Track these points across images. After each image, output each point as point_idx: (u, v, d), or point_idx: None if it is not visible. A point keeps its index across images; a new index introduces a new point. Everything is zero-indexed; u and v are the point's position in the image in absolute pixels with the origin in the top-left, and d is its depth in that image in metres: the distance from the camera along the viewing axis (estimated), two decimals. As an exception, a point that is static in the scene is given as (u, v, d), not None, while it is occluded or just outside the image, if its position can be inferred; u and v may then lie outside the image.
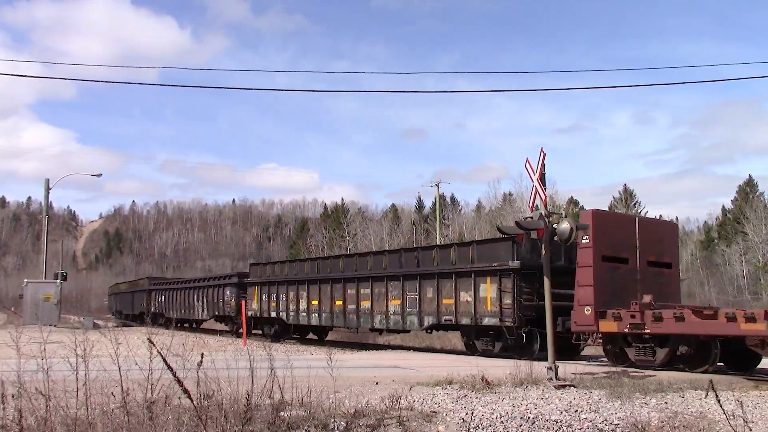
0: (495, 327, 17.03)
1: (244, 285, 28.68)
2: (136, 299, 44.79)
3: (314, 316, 23.90)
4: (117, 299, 54.81)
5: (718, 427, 7.34)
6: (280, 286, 26.03)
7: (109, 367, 6.24)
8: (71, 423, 5.59)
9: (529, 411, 8.27)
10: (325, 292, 23.26)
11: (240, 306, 26.56)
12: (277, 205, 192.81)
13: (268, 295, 26.55)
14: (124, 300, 49.90)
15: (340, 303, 22.46)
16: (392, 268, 20.58)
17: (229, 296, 29.69)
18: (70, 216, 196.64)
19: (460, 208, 78.48)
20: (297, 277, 25.25)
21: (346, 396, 8.52)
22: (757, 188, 65.87)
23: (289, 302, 25.23)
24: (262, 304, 26.88)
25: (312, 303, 23.89)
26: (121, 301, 51.80)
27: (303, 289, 24.54)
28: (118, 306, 53.63)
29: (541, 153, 11.84)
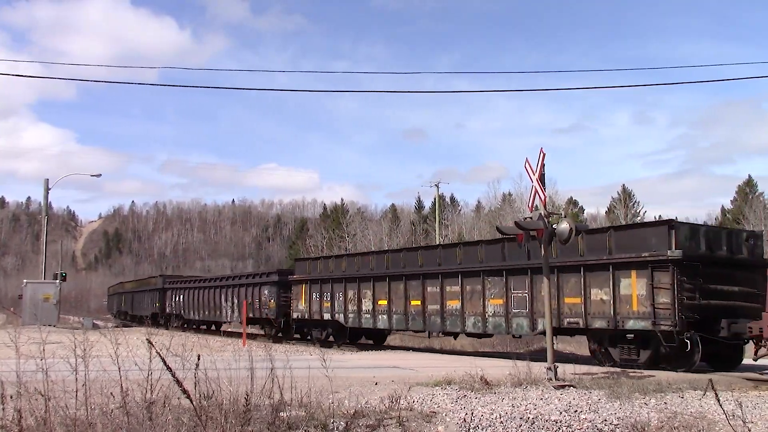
0: (642, 332, 14.13)
1: (286, 283, 25.52)
2: (146, 299, 41.34)
3: (382, 318, 20.80)
4: (121, 299, 51.41)
5: (717, 428, 7.34)
6: (336, 283, 22.80)
7: (108, 368, 6.24)
8: (71, 423, 5.58)
9: (528, 411, 8.27)
10: (397, 291, 20.20)
11: (280, 307, 25.09)
12: (276, 206, 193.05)
13: (320, 294, 23.44)
14: (131, 300, 46.44)
15: (417, 303, 19.47)
16: (492, 262, 17.57)
17: (268, 296, 26.26)
18: (69, 216, 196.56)
19: (459, 209, 78.50)
20: (359, 274, 21.98)
21: (346, 396, 8.52)
22: (757, 188, 65.88)
23: (348, 302, 22.15)
24: (312, 305, 23.75)
25: (379, 303, 20.86)
26: (126, 301, 48.41)
27: (367, 287, 21.47)
28: (122, 306, 50.15)
29: (541, 153, 11.85)
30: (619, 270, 14.47)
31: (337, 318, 22.74)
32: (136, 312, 44.34)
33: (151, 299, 40.05)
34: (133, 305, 45.63)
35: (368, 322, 21.51)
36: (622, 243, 14.66)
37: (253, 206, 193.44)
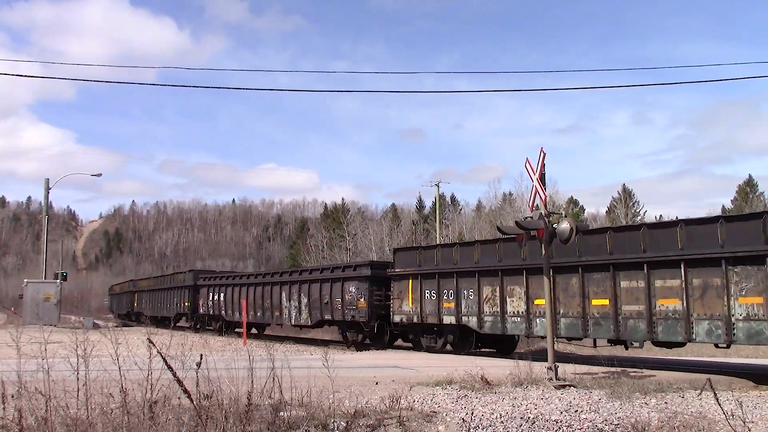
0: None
1: (382, 279, 21.21)
2: (171, 298, 36.58)
3: (538, 323, 16.07)
4: (132, 299, 46.59)
5: (717, 427, 7.34)
6: (463, 278, 18.18)
7: (109, 367, 6.24)
8: (71, 423, 5.59)
9: (529, 411, 8.27)
10: (568, 287, 15.50)
11: (373, 307, 21.01)
12: (277, 205, 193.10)
13: (437, 291, 18.95)
14: (150, 299, 41.55)
15: (602, 302, 14.78)
16: (735, 243, 12.58)
17: (356, 294, 21.62)
18: (70, 216, 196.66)
19: (460, 208, 78.45)
20: (503, 265, 17.17)
21: (346, 396, 8.52)
22: (757, 188, 65.88)
23: (484, 302, 17.64)
24: (425, 305, 19.37)
25: (536, 303, 16.31)
26: (143, 301, 43.54)
27: (517, 282, 16.81)
28: (135, 306, 45.39)
29: (541, 153, 11.86)
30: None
31: (464, 322, 18.08)
32: (155, 313, 39.69)
33: (178, 298, 35.38)
34: (152, 305, 40.88)
35: (517, 328, 16.77)
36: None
37: (253, 206, 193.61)
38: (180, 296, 34.89)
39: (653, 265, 13.85)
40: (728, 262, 12.62)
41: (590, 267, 15.00)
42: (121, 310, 50.97)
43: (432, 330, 19.54)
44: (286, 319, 25.72)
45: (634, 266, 14.23)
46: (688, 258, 13.20)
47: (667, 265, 13.61)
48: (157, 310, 39.30)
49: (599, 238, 15.04)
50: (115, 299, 56.68)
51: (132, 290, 47.32)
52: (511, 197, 57.20)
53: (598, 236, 15.18)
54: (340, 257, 63.23)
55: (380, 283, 21.31)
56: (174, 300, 35.96)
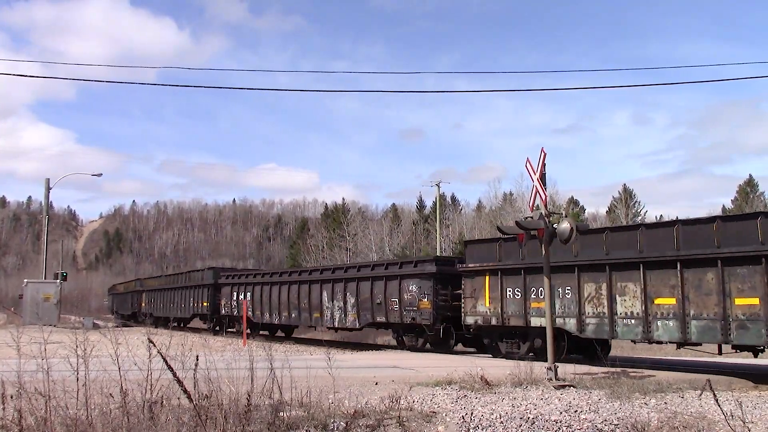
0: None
1: (446, 276, 18.84)
2: (186, 298, 34.09)
3: (660, 326, 13.66)
4: (138, 299, 44.04)
5: (717, 428, 7.34)
6: (557, 275, 14.84)
7: (109, 368, 6.24)
8: (71, 423, 5.59)
9: (528, 411, 8.27)
10: (701, 284, 13.01)
11: (439, 308, 18.79)
12: (277, 205, 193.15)
13: (522, 289, 16.33)
14: (160, 299, 39.24)
15: (749, 301, 12.24)
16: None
17: (418, 293, 19.20)
18: (70, 216, 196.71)
19: (460, 208, 78.43)
20: (610, 259, 14.65)
21: (346, 396, 8.52)
22: (758, 188, 65.87)
23: (586, 302, 15.03)
24: (506, 305, 16.65)
25: (656, 303, 13.76)
26: (151, 301, 41.28)
27: (629, 278, 14.25)
28: (142, 307, 42.75)
29: (542, 153, 11.86)
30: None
31: (561, 325, 15.33)
32: (166, 313, 37.12)
33: (194, 298, 32.88)
34: (163, 305, 38.52)
35: (631, 332, 14.22)
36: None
37: (253, 206, 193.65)
38: (197, 296, 32.45)
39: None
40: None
41: (732, 260, 12.50)
42: (125, 310, 48.92)
43: (513, 334, 17.02)
44: (328, 321, 23.15)
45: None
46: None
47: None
48: (169, 310, 36.95)
49: (747, 225, 12.68)
50: (118, 299, 55.09)
51: (139, 289, 44.74)
52: (511, 197, 57.24)
53: (747, 222, 12.83)
54: (340, 257, 63.26)
55: (445, 281, 18.94)
56: (189, 300, 33.58)
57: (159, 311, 38.87)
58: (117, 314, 53.81)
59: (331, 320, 22.94)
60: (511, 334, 17.11)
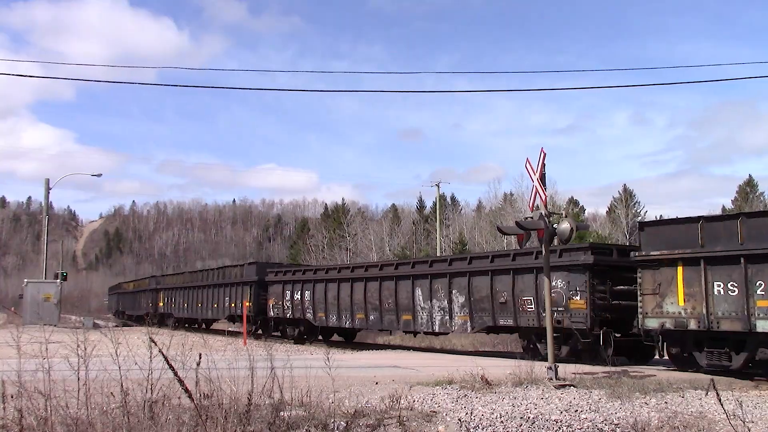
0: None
1: (604, 267, 15.35)
2: (218, 297, 30.67)
3: None
4: (154, 297, 40.02)
5: (718, 427, 7.34)
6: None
7: (109, 367, 6.24)
8: (71, 423, 5.59)
9: (529, 411, 8.27)
10: None
11: (594, 307, 15.07)
12: (277, 205, 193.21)
13: (742, 283, 12.49)
14: (182, 298, 35.86)
15: None
16: None
17: (565, 289, 15.60)
18: (70, 216, 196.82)
19: (460, 208, 78.49)
20: None
21: (346, 396, 8.52)
22: (758, 188, 65.90)
23: None
24: (713, 304, 12.86)
25: None
26: (171, 299, 37.81)
27: None
28: (159, 307, 39.17)
29: (542, 153, 11.85)
30: None
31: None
32: (193, 314, 34.34)
33: (230, 297, 29.64)
34: (188, 305, 34.97)
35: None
36: None
37: (253, 206, 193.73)
38: (234, 294, 29.00)
39: None
40: None
41: None
42: (136, 310, 45.49)
43: (722, 341, 13.16)
44: (423, 325, 19.58)
45: None
46: None
47: None
48: (197, 310, 33.58)
49: None
50: (125, 298, 52.33)
51: (155, 288, 40.97)
52: (511, 197, 57.22)
53: None
54: (341, 258, 63.29)
55: (602, 275, 15.45)
56: (224, 299, 29.97)
57: (182, 312, 35.83)
58: (124, 315, 51.76)
59: (430, 323, 19.26)
60: (718, 341, 13.26)
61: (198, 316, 33.76)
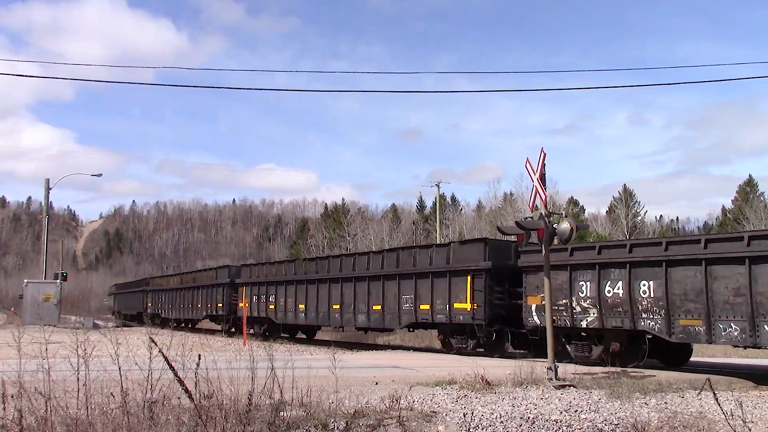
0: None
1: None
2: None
3: None
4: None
5: (717, 427, 7.34)
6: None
7: (109, 367, 6.24)
8: (71, 423, 5.59)
9: (529, 411, 8.27)
10: None
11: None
12: (277, 205, 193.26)
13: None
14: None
15: None
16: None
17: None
18: (70, 216, 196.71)
19: (460, 208, 78.41)
20: None
21: (346, 396, 8.53)
22: (758, 188, 65.85)
23: None
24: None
25: None
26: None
27: None
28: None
29: (542, 153, 11.84)
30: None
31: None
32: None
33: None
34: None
35: None
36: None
37: (253, 206, 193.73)
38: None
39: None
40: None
41: None
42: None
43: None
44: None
45: None
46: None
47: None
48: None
49: None
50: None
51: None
52: (511, 197, 57.18)
53: None
54: (341, 257, 63.13)
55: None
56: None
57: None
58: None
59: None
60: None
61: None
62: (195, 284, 33.81)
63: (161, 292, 39.54)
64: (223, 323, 30.12)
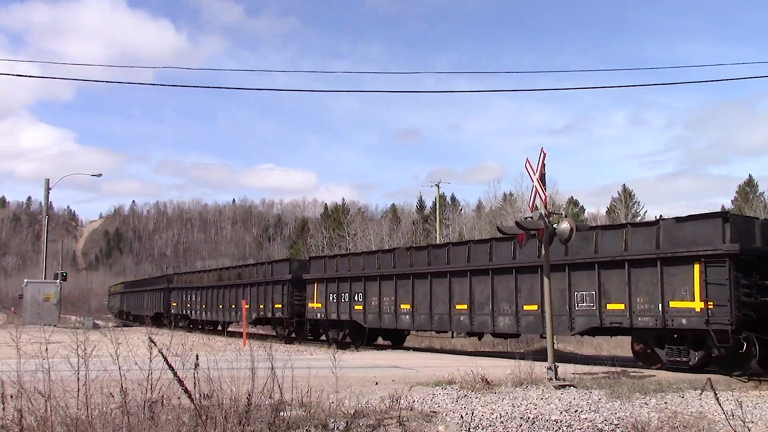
0: None
1: None
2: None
3: None
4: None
5: (717, 427, 7.33)
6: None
7: (109, 367, 6.24)
8: (71, 423, 5.59)
9: (529, 411, 8.27)
10: None
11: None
12: (276, 205, 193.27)
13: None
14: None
15: None
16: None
17: None
18: (70, 216, 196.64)
19: (460, 208, 78.42)
20: None
21: (346, 396, 8.52)
22: (757, 188, 65.87)
23: None
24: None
25: None
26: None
27: None
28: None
29: (541, 153, 11.84)
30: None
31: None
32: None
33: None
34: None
35: None
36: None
37: (253, 206, 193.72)
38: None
39: None
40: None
41: None
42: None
43: None
44: None
45: None
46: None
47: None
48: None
49: None
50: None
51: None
52: (511, 197, 57.20)
53: None
54: (340, 257, 63.09)
55: None
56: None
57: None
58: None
59: None
60: None
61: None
62: (240, 281, 28.66)
63: (191, 290, 34.42)
64: (284, 327, 25.38)
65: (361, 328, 21.83)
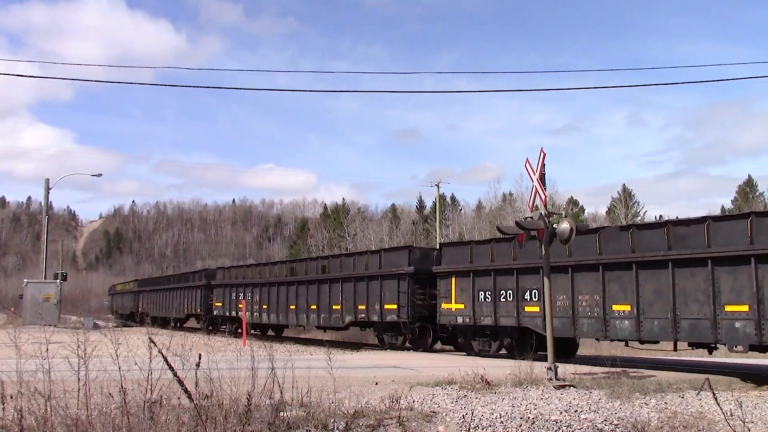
0: None
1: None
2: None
3: None
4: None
5: (717, 427, 7.34)
6: None
7: (109, 368, 6.24)
8: (71, 423, 5.59)
9: (528, 411, 8.27)
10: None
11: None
12: (276, 205, 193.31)
13: None
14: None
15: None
16: None
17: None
18: (70, 216, 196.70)
19: (460, 208, 78.42)
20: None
21: (346, 396, 8.52)
22: (757, 188, 65.91)
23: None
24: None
25: None
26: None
27: None
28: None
29: (541, 153, 11.84)
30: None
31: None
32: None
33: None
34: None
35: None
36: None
37: (253, 206, 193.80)
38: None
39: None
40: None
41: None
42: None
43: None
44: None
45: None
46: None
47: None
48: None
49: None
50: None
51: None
52: (511, 197, 57.24)
53: None
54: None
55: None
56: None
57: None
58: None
59: None
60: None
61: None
62: (326, 276, 23.89)
63: (244, 287, 29.14)
64: (396, 334, 21.42)
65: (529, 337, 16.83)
